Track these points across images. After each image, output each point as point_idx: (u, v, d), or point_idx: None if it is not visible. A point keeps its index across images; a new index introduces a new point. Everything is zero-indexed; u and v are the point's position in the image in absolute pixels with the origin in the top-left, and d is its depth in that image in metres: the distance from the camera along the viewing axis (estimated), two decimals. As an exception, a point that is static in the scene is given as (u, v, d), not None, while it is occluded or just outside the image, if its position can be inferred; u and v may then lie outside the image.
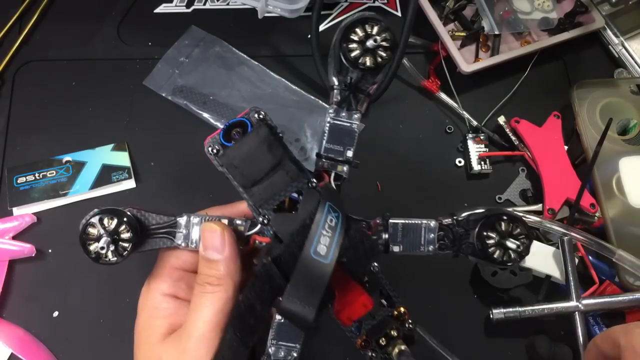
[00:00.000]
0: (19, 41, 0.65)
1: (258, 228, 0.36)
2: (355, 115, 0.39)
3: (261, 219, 0.36)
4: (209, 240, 0.34)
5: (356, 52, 0.36)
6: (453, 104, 0.63)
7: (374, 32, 0.36)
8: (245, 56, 0.65)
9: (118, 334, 0.53)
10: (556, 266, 0.53)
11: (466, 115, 0.63)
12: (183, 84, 0.63)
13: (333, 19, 0.69)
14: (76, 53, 0.65)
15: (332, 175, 0.38)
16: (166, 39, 0.65)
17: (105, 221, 0.34)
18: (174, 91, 0.62)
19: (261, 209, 0.36)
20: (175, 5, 0.68)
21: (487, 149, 0.61)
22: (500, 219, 0.35)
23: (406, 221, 0.37)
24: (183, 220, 0.36)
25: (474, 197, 0.61)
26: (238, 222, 0.37)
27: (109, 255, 0.34)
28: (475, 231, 0.35)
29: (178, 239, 0.36)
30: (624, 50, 0.67)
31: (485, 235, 0.35)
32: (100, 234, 0.33)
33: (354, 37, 0.36)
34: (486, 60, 0.63)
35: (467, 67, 0.61)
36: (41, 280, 0.55)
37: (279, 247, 0.33)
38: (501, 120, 0.62)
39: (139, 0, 0.68)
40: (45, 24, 0.67)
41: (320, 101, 0.63)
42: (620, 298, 0.52)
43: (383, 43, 0.36)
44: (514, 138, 0.61)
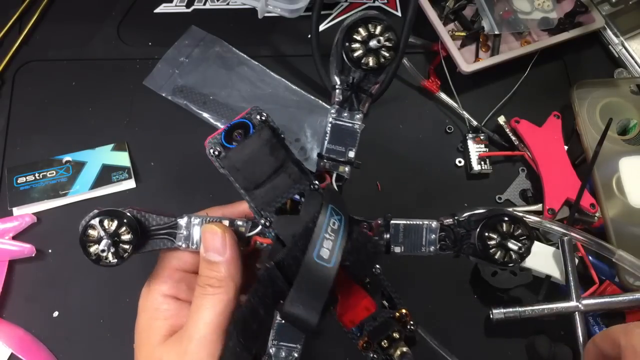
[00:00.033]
0: (19, 41, 0.65)
1: (259, 229, 0.36)
2: (357, 116, 0.39)
3: (263, 221, 0.35)
4: (209, 242, 0.34)
5: (359, 52, 0.36)
6: (453, 104, 0.63)
7: (377, 32, 0.36)
8: (245, 56, 0.65)
9: (118, 334, 0.53)
10: (556, 266, 0.53)
11: (466, 115, 0.63)
12: (183, 84, 0.63)
13: (333, 19, 0.69)
14: (76, 53, 0.65)
15: (334, 176, 0.38)
16: (166, 39, 0.65)
17: (106, 223, 0.33)
18: (174, 91, 0.62)
19: (263, 211, 0.35)
20: (175, 5, 0.68)
21: (487, 149, 0.62)
22: (502, 219, 0.35)
23: (408, 222, 0.37)
24: (183, 221, 0.36)
25: (474, 197, 0.61)
26: (239, 223, 0.36)
27: (109, 257, 0.33)
28: (477, 232, 0.35)
29: (179, 240, 0.36)
30: (624, 50, 0.67)
31: (486, 236, 0.35)
32: (100, 235, 0.33)
33: (357, 37, 0.36)
34: (486, 60, 0.63)
35: (467, 67, 0.61)
36: (41, 280, 0.55)
37: (282, 251, 0.33)
38: (501, 120, 0.62)
39: (139, 0, 0.68)
40: (45, 24, 0.67)
41: (320, 101, 0.63)
42: (620, 298, 0.52)
43: (386, 43, 0.36)
44: (514, 138, 0.61)
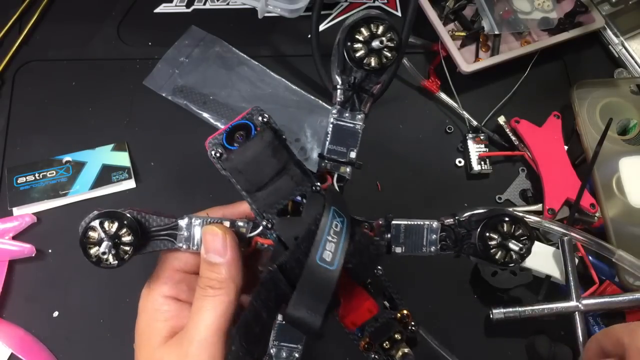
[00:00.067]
0: (19, 41, 0.64)
1: (260, 230, 0.36)
2: (359, 116, 0.38)
3: (265, 223, 0.35)
4: (210, 243, 0.34)
5: (361, 52, 0.35)
6: (453, 104, 0.63)
7: (379, 32, 0.35)
8: (245, 56, 0.65)
9: (118, 334, 0.53)
10: (556, 266, 0.53)
11: (466, 115, 0.63)
12: (183, 84, 0.63)
13: (333, 19, 0.68)
14: (76, 53, 0.65)
15: (335, 177, 0.38)
16: (166, 39, 0.65)
17: (106, 224, 0.33)
18: (174, 91, 0.62)
19: (265, 213, 0.35)
20: (175, 5, 0.68)
21: (487, 149, 0.62)
22: (502, 220, 0.35)
23: (409, 222, 0.37)
24: (184, 222, 0.36)
25: (474, 197, 0.61)
26: (240, 224, 0.36)
27: (110, 259, 0.33)
28: (477, 232, 0.35)
29: (179, 241, 0.35)
30: (624, 50, 0.67)
31: (487, 236, 0.35)
32: (101, 237, 0.33)
33: (359, 37, 0.35)
34: (486, 60, 0.63)
35: (467, 67, 0.61)
36: (41, 280, 0.55)
37: (284, 254, 0.33)
38: (501, 120, 0.62)
39: (139, 0, 0.68)
40: (45, 24, 0.67)
41: (320, 101, 0.63)
42: (620, 298, 0.52)
43: (388, 43, 0.35)
44: (514, 138, 0.61)
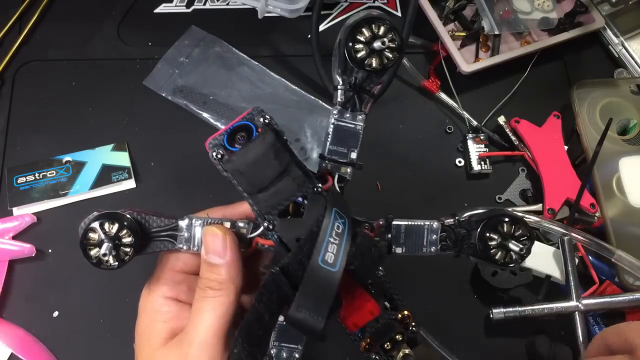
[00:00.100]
0: (19, 41, 0.64)
1: (260, 230, 0.36)
2: (360, 117, 0.38)
3: (266, 224, 0.35)
4: (210, 244, 0.34)
5: (362, 53, 0.35)
6: (453, 104, 0.63)
7: (380, 33, 0.35)
8: (245, 56, 0.65)
9: (118, 334, 0.53)
10: (556, 266, 0.53)
11: (466, 115, 0.63)
12: (183, 84, 0.63)
13: (333, 19, 0.68)
14: (76, 53, 0.65)
15: (336, 177, 0.38)
16: (166, 39, 0.65)
17: (106, 226, 0.33)
18: (174, 91, 0.62)
19: (266, 215, 0.35)
20: (175, 5, 0.68)
21: (487, 149, 0.62)
22: (502, 220, 0.35)
23: (409, 223, 0.37)
24: (184, 223, 0.35)
25: (474, 197, 0.61)
26: (240, 225, 0.36)
27: (110, 261, 0.33)
28: (477, 232, 0.35)
29: (179, 242, 0.35)
30: (624, 50, 0.67)
31: (487, 236, 0.35)
32: (101, 239, 0.33)
33: (361, 38, 0.35)
34: (486, 60, 0.63)
35: (467, 67, 0.61)
36: (41, 280, 0.55)
37: (287, 256, 0.33)
38: (501, 120, 0.62)
39: (139, 0, 0.68)
40: (45, 24, 0.67)
41: (320, 101, 0.63)
42: (620, 298, 0.52)
43: (390, 44, 0.35)
44: (514, 138, 0.61)
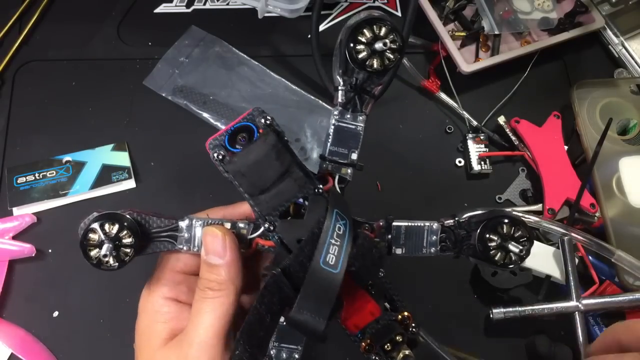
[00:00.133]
0: (19, 41, 0.64)
1: (261, 231, 0.36)
2: (360, 117, 0.38)
3: (267, 225, 0.35)
4: (210, 245, 0.34)
5: (363, 54, 0.35)
6: (453, 104, 0.63)
7: (381, 34, 0.35)
8: (245, 56, 0.65)
9: (118, 334, 0.53)
10: (556, 266, 0.53)
11: (466, 115, 0.63)
12: (183, 84, 0.63)
13: (333, 19, 0.68)
14: (76, 53, 0.65)
15: (336, 178, 0.38)
16: (166, 39, 0.65)
17: (107, 227, 0.33)
18: (174, 91, 0.62)
19: (267, 216, 0.35)
20: (175, 5, 0.68)
21: (487, 149, 0.62)
22: (502, 221, 0.35)
23: (409, 224, 0.37)
24: (184, 223, 0.35)
25: (474, 197, 0.61)
26: (241, 226, 0.36)
27: (110, 261, 0.33)
28: (477, 233, 0.35)
29: (180, 243, 0.35)
30: (624, 50, 0.67)
31: (487, 237, 0.35)
32: (101, 239, 0.32)
33: (362, 39, 0.35)
34: (486, 60, 0.63)
35: (467, 67, 0.61)
36: (41, 280, 0.55)
37: (288, 257, 0.33)
38: (501, 120, 0.62)
39: (139, 0, 0.68)
40: (45, 24, 0.67)
41: (320, 101, 0.63)
42: (620, 298, 0.52)
43: (391, 45, 0.35)
44: (514, 138, 0.61)
